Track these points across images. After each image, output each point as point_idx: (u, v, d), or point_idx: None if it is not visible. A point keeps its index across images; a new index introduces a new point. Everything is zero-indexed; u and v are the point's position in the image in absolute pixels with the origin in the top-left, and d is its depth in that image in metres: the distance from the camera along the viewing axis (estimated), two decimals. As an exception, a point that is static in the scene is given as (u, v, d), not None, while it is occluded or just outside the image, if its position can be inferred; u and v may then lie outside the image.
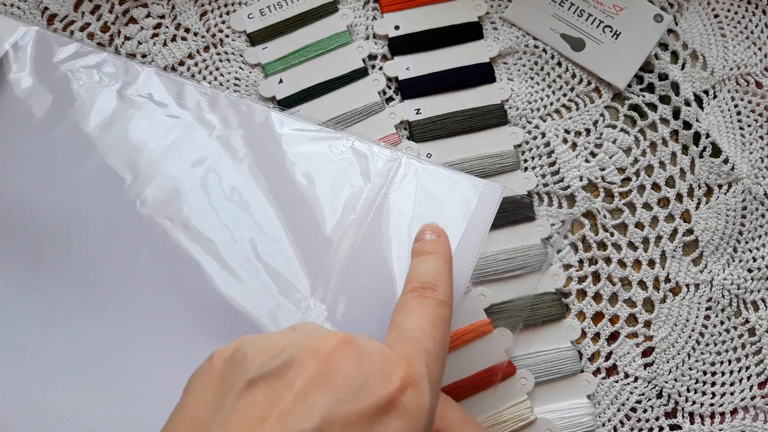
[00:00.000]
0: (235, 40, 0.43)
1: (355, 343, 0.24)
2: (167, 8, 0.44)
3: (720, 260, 0.41)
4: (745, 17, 0.44)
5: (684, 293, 0.40)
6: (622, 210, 0.41)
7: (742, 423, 0.39)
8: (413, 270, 0.30)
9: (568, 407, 0.38)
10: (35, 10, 0.43)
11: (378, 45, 0.44)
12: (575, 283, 0.40)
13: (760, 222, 0.41)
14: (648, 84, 0.43)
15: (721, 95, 0.43)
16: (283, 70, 0.43)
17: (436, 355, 0.26)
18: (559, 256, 0.40)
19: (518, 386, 0.37)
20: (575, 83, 0.43)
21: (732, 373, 0.39)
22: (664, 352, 0.39)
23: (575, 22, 0.44)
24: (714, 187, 0.42)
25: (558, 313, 0.39)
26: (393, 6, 0.44)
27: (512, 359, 0.38)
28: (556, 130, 0.42)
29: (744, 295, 0.40)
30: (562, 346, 0.39)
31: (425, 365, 0.25)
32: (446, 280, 0.29)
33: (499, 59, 0.44)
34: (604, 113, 0.43)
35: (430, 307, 0.28)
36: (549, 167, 0.42)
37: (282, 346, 0.24)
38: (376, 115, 0.42)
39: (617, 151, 0.42)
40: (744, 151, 0.42)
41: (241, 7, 0.44)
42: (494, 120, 0.42)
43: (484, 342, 0.37)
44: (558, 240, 0.40)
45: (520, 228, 0.40)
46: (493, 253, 0.39)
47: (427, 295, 0.28)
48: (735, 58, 0.44)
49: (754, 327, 0.40)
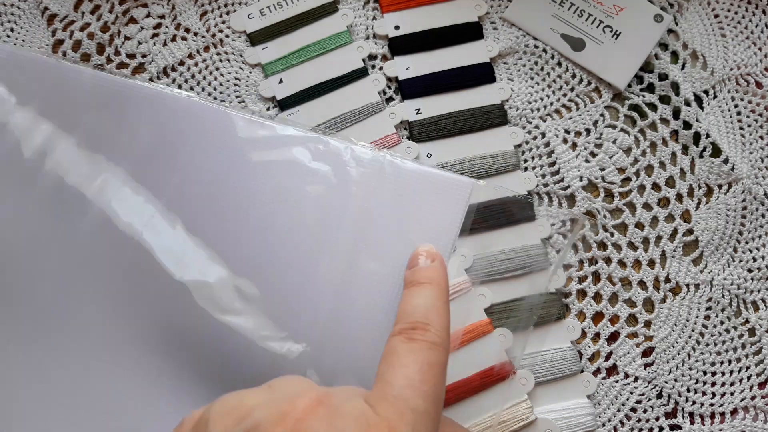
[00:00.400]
0: (235, 40, 0.43)
1: (329, 405, 0.22)
2: (167, 8, 0.44)
3: (720, 260, 0.41)
4: (745, 17, 0.44)
5: (684, 293, 0.40)
6: (622, 210, 0.41)
7: (742, 423, 0.39)
8: (403, 305, 0.27)
9: (568, 407, 0.38)
10: (35, 10, 0.43)
11: (378, 45, 0.44)
12: (575, 283, 0.40)
13: (760, 222, 0.41)
14: (648, 84, 0.43)
15: (721, 95, 0.43)
16: (283, 70, 0.43)
17: (425, 414, 0.23)
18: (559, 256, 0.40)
19: (518, 386, 0.37)
20: (575, 83, 0.43)
21: (732, 373, 0.39)
22: (664, 352, 0.39)
23: (575, 22, 0.44)
24: (714, 187, 0.42)
25: (558, 313, 0.39)
26: (393, 6, 0.44)
27: (512, 359, 0.38)
28: (556, 130, 0.42)
29: (744, 295, 0.40)
30: (562, 346, 0.39)
31: (411, 428, 0.22)
32: (440, 315, 0.26)
33: (499, 59, 0.44)
34: (604, 113, 0.43)
35: (419, 353, 0.24)
36: (549, 167, 0.42)
37: (248, 409, 0.21)
38: (376, 115, 0.42)
39: (617, 151, 0.42)
40: (744, 151, 0.42)
41: (241, 7, 0.44)
42: (494, 120, 0.42)
43: (484, 342, 0.37)
44: (569, 240, 0.40)
45: (520, 228, 0.40)
46: (493, 253, 0.39)
47: (417, 338, 0.25)
48: (735, 58, 0.44)
49: (754, 327, 0.40)
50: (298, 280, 0.31)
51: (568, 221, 0.41)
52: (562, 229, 0.40)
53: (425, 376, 0.24)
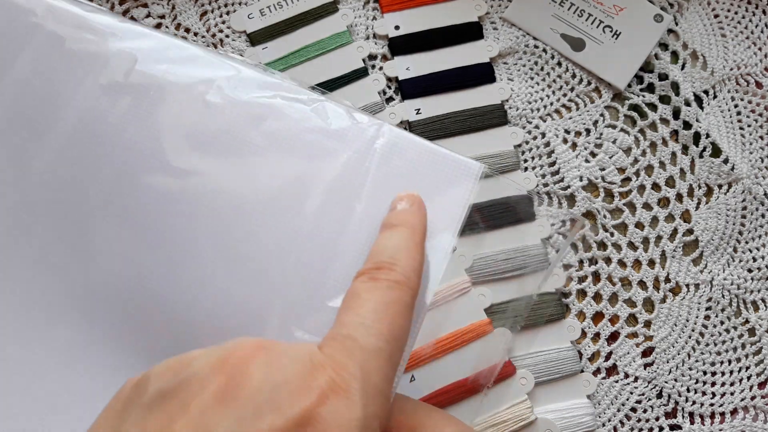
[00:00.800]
0: (235, 40, 0.43)
1: (271, 349, 0.20)
2: (167, 8, 0.44)
3: (720, 260, 0.41)
4: (745, 17, 0.44)
5: (684, 293, 0.40)
6: (622, 210, 0.41)
7: (742, 423, 0.39)
8: (373, 248, 0.25)
9: (568, 407, 0.38)
10: (35, 10, 0.43)
11: (378, 45, 0.44)
12: (575, 283, 0.40)
13: (760, 222, 0.41)
14: (648, 84, 0.43)
15: (721, 95, 0.43)
16: (283, 70, 0.43)
17: (377, 352, 0.21)
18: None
19: (518, 386, 0.37)
20: (575, 83, 0.43)
21: (732, 373, 0.39)
22: (664, 352, 0.39)
23: (575, 22, 0.44)
24: (714, 187, 0.42)
25: (558, 313, 0.39)
26: (393, 6, 0.44)
27: (512, 359, 0.38)
28: (556, 130, 0.42)
29: (744, 295, 0.40)
30: (562, 346, 0.39)
31: (359, 366, 0.21)
32: (410, 255, 0.24)
33: (499, 59, 0.44)
34: (604, 113, 0.43)
35: (378, 292, 0.23)
36: (549, 167, 0.42)
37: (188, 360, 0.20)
38: (376, 115, 0.42)
39: (617, 151, 0.42)
40: (744, 151, 0.42)
41: (241, 7, 0.44)
42: (494, 120, 0.42)
43: (484, 342, 0.37)
44: (567, 241, 0.40)
45: (520, 228, 0.40)
46: (493, 253, 0.39)
47: (379, 277, 0.23)
48: (735, 58, 0.44)
49: (754, 327, 0.40)
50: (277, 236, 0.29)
51: (569, 221, 0.41)
52: (562, 229, 0.40)
53: (380, 315, 0.22)
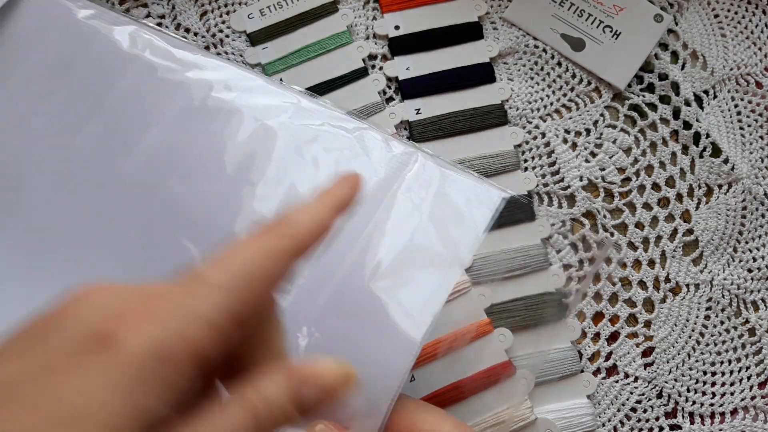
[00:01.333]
0: (235, 40, 0.43)
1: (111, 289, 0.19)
2: (167, 8, 0.44)
3: (720, 260, 0.41)
4: (745, 17, 0.44)
5: (684, 293, 0.40)
6: (622, 210, 0.41)
7: (742, 423, 0.39)
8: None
9: (568, 407, 0.38)
10: (35, 10, 0.43)
11: (378, 45, 0.44)
12: (575, 283, 0.40)
13: (760, 222, 0.41)
14: (648, 84, 0.43)
15: (721, 95, 0.43)
16: (283, 70, 0.43)
17: (226, 288, 0.19)
18: (559, 256, 0.40)
19: (518, 386, 0.37)
20: (575, 83, 0.43)
21: (732, 373, 0.39)
22: (664, 352, 0.39)
23: (575, 22, 0.44)
24: (714, 187, 0.42)
25: (558, 313, 0.39)
26: (393, 6, 0.44)
27: (512, 359, 0.38)
28: (556, 130, 0.42)
29: (744, 295, 0.40)
30: (562, 346, 0.39)
31: (204, 300, 0.19)
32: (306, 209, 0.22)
33: (499, 59, 0.44)
34: (604, 113, 0.43)
35: (252, 238, 0.21)
36: (549, 167, 0.42)
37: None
38: (376, 115, 0.42)
39: (617, 151, 0.42)
40: (744, 151, 0.42)
41: (241, 7, 0.44)
42: (494, 120, 0.42)
43: (484, 342, 0.37)
44: (595, 266, 0.40)
45: (520, 228, 0.40)
46: (493, 253, 0.39)
47: (264, 228, 0.21)
48: (735, 58, 0.44)
49: (754, 327, 0.40)
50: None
51: (568, 221, 0.41)
52: (562, 229, 0.40)
53: (240, 256, 0.20)
